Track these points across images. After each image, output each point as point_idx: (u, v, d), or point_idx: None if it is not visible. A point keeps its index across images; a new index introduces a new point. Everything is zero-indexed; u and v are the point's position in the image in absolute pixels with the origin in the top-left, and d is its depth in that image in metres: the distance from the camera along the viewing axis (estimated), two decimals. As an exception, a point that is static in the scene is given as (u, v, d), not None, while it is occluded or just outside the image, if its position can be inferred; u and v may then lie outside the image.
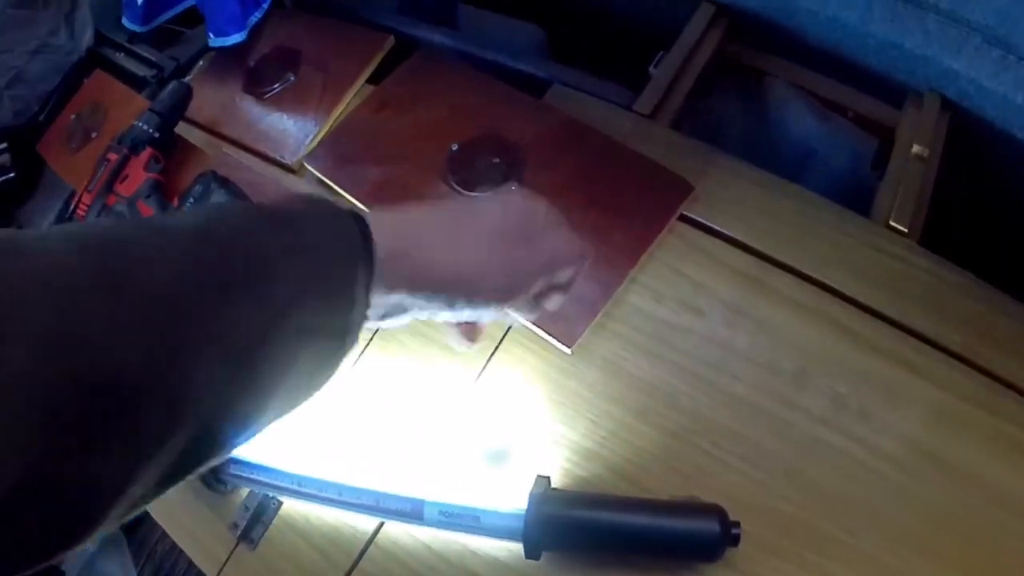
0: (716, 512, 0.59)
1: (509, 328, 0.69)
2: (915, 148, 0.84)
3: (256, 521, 0.72)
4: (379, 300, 0.40)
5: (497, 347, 0.69)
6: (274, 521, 0.72)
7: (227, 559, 0.73)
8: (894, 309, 0.70)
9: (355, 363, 0.72)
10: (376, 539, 0.67)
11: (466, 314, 0.45)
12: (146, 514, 1.04)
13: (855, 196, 0.81)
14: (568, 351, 0.67)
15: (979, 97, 0.88)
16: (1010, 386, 0.67)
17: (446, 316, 0.45)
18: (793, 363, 0.68)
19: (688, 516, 0.60)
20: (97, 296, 0.28)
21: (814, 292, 0.71)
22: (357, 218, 0.38)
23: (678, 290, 0.70)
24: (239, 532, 0.71)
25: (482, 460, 0.67)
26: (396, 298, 0.41)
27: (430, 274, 0.42)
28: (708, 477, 0.65)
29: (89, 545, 1.16)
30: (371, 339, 0.73)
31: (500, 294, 0.45)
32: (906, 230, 0.77)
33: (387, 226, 0.40)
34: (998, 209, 0.95)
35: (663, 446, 0.66)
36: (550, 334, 0.67)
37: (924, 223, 0.81)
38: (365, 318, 0.39)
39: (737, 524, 0.59)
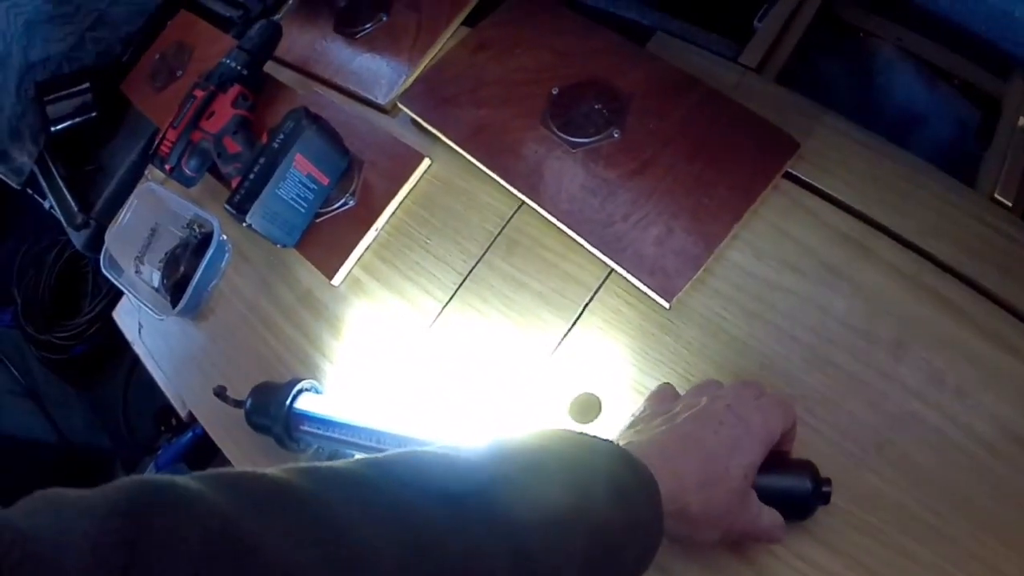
0: (807, 468, 0.58)
1: (606, 278, 0.68)
2: (1022, 121, 0.81)
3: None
4: None
5: (592, 297, 0.68)
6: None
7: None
8: (997, 286, 0.67)
9: (432, 323, 0.71)
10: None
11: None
12: (215, 452, 1.05)
13: (958, 166, 0.78)
14: (667, 305, 0.66)
15: (1091, 72, 0.85)
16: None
17: None
18: (891, 332, 0.66)
19: (779, 470, 0.58)
20: None
21: (916, 260, 0.69)
22: (654, 490, 0.45)
23: (780, 249, 0.68)
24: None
25: (570, 412, 0.66)
26: None
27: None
28: (799, 443, 0.62)
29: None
30: (456, 291, 0.72)
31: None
32: (1011, 204, 0.75)
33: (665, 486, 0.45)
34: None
35: (756, 409, 0.65)
36: (650, 287, 0.65)
37: (1028, 200, 0.78)
38: None
39: (828, 482, 0.58)
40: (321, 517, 0.32)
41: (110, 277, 0.90)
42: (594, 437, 0.47)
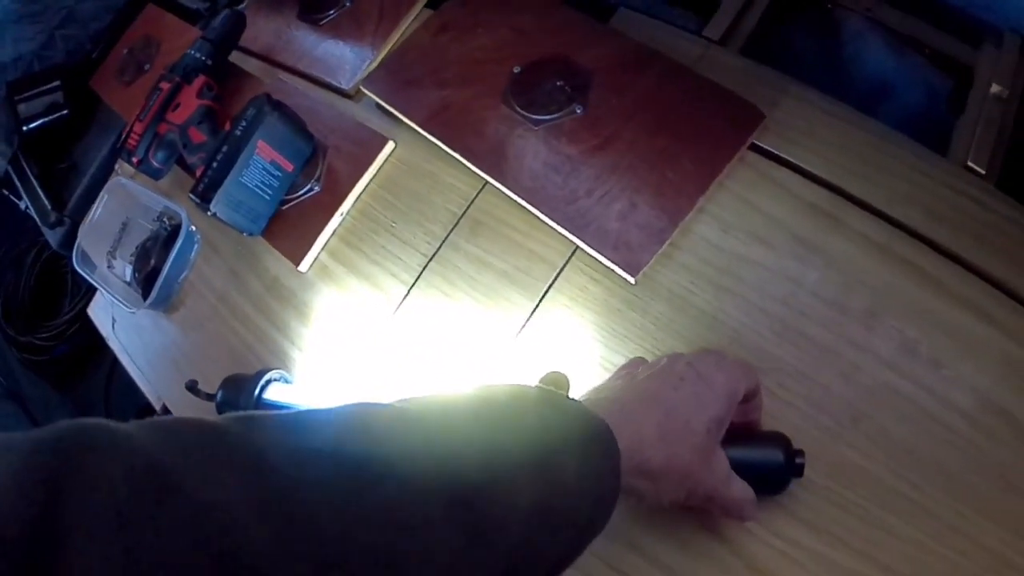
0: (779, 439, 0.56)
1: (571, 255, 0.68)
2: (994, 88, 0.80)
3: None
4: None
5: (558, 274, 0.67)
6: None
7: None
8: (970, 253, 0.66)
9: (399, 307, 0.71)
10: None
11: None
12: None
13: (929, 135, 0.77)
14: (632, 280, 0.65)
15: (1063, 38, 0.84)
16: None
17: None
18: (863, 302, 0.65)
19: (749, 442, 0.57)
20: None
21: (887, 230, 0.67)
22: (613, 446, 0.44)
23: (747, 221, 0.67)
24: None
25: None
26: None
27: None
28: (772, 419, 0.62)
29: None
30: (421, 273, 0.71)
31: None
32: (984, 171, 0.74)
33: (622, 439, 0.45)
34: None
35: (726, 383, 0.64)
36: (614, 262, 0.65)
37: (1001, 167, 0.77)
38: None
39: (801, 453, 0.56)
40: (249, 457, 0.31)
41: (82, 273, 0.89)
42: (565, 397, 0.47)
